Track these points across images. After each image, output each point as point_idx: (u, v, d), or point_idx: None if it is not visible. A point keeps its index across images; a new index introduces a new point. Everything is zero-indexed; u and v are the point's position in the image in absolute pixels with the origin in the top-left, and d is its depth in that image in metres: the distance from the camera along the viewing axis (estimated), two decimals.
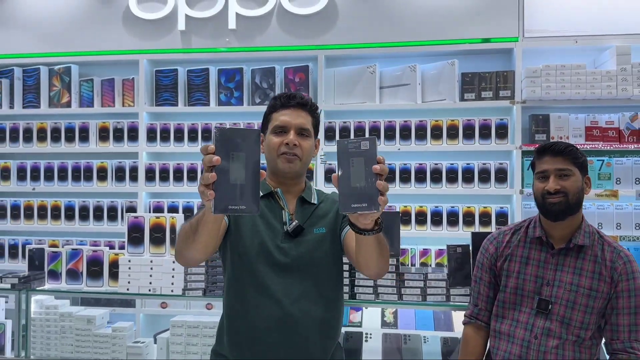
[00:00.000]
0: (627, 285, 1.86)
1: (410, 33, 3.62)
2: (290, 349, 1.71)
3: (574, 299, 1.86)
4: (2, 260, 3.94)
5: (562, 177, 1.88)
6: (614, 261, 1.88)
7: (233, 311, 1.76)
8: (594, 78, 3.35)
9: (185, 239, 1.54)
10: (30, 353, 2.83)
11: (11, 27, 4.06)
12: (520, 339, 1.90)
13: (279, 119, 1.77)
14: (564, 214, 1.88)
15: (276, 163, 1.77)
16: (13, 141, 4.01)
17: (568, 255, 1.91)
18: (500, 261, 2.01)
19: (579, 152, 1.91)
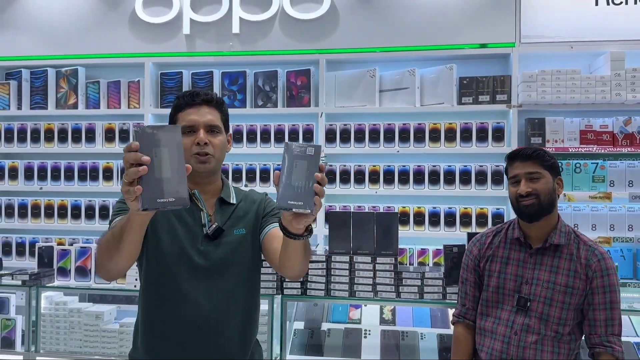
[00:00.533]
0: (601, 281, 1.95)
1: (410, 38, 3.71)
2: (211, 352, 1.69)
3: (550, 295, 1.96)
4: (10, 258, 4.02)
5: (532, 180, 1.97)
6: (588, 259, 1.97)
7: (151, 316, 1.71)
8: (588, 83, 3.44)
9: (108, 250, 1.47)
10: (40, 348, 2.92)
11: (19, 30, 4.15)
12: (501, 335, 1.99)
13: (186, 119, 1.71)
14: (538, 214, 1.98)
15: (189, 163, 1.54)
16: (21, 141, 4.10)
17: (545, 254, 2.01)
18: (483, 262, 2.11)
19: (547, 155, 2.01)
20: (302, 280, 2.71)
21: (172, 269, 1.68)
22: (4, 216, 4.08)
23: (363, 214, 2.80)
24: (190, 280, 1.69)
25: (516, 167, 2.02)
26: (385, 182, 3.67)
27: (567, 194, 3.42)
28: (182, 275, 1.69)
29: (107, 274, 1.57)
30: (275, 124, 3.80)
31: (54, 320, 2.91)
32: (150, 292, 1.72)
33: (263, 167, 3.80)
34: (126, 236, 1.40)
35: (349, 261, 2.69)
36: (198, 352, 1.69)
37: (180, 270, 1.69)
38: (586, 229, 3.46)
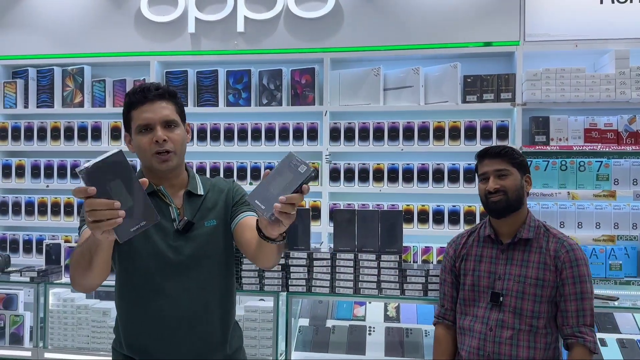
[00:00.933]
0: (571, 272, 1.98)
1: (414, 36, 3.72)
2: (193, 344, 1.71)
3: (522, 289, 1.99)
4: (17, 255, 4.05)
5: (500, 177, 2.03)
6: (557, 250, 2.01)
7: (130, 314, 1.73)
8: (593, 81, 3.44)
9: (79, 268, 1.47)
10: (48, 343, 2.95)
11: (26, 29, 4.18)
12: (477, 332, 2.03)
13: (140, 117, 1.65)
14: (505, 210, 2.03)
15: (151, 163, 1.68)
16: (27, 139, 4.13)
17: (516, 249, 2.05)
18: (458, 262, 2.16)
19: (515, 153, 2.07)
20: (307, 277, 2.74)
21: (148, 268, 1.69)
22: (11, 214, 4.12)
23: (368, 212, 2.82)
24: (165, 277, 1.69)
25: (485, 165, 2.08)
26: (389, 180, 3.69)
27: (571, 192, 3.43)
28: (158, 272, 1.69)
29: (82, 288, 1.59)
30: (279, 122, 3.82)
31: (61, 317, 2.94)
32: (127, 291, 1.73)
33: (268, 165, 3.82)
34: (96, 258, 1.41)
35: (353, 259, 2.71)
36: (180, 347, 1.71)
37: (156, 268, 1.69)
38: (590, 228, 3.47)
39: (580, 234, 3.45)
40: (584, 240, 3.42)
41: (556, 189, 3.49)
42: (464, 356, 2.07)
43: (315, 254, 2.75)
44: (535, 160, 3.53)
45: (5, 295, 3.04)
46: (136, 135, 1.68)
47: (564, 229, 3.49)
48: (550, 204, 3.52)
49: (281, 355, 2.76)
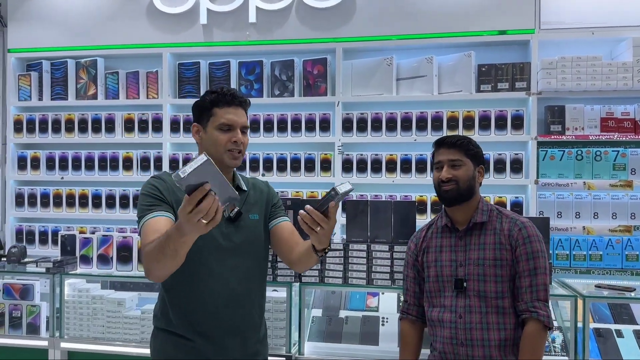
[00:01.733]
0: (524, 249, 2.02)
1: (427, 25, 3.68)
2: (236, 322, 1.90)
3: (482, 272, 2.03)
4: (33, 246, 4.10)
5: (454, 167, 2.08)
6: (510, 229, 2.06)
7: (182, 293, 1.87)
8: (610, 69, 3.38)
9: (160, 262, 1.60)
10: (64, 333, 2.98)
11: (39, 22, 4.20)
12: (448, 321, 2.05)
13: (225, 117, 1.87)
14: (456, 200, 2.08)
15: (222, 158, 1.88)
16: (42, 132, 4.16)
17: (472, 234, 2.10)
18: (420, 255, 2.20)
19: (471, 144, 2.11)
20: (319, 268, 2.74)
21: (202, 251, 1.82)
22: (26, 205, 4.16)
23: (380, 203, 2.80)
24: (217, 260, 1.87)
25: (441, 154, 2.13)
26: (402, 171, 3.67)
27: (586, 182, 3.39)
28: (211, 256, 1.86)
29: (158, 278, 1.71)
30: (292, 113, 3.81)
31: (77, 307, 2.97)
32: (181, 272, 1.80)
33: (280, 157, 3.81)
34: (182, 251, 1.56)
35: (366, 249, 2.70)
36: (225, 323, 1.88)
37: (209, 252, 1.85)
38: (606, 218, 3.43)
39: (596, 225, 3.41)
40: (599, 231, 3.39)
41: (572, 179, 3.45)
42: (438, 347, 2.09)
43: None
44: (551, 150, 3.48)
45: (21, 286, 3.08)
46: (214, 131, 1.89)
47: (579, 220, 3.45)
48: (566, 194, 3.48)
49: (294, 345, 2.77)
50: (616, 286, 2.70)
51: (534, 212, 3.45)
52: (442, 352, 2.06)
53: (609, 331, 2.77)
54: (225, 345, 1.88)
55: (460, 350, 2.01)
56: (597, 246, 3.38)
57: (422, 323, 2.22)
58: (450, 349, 2.03)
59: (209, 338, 1.87)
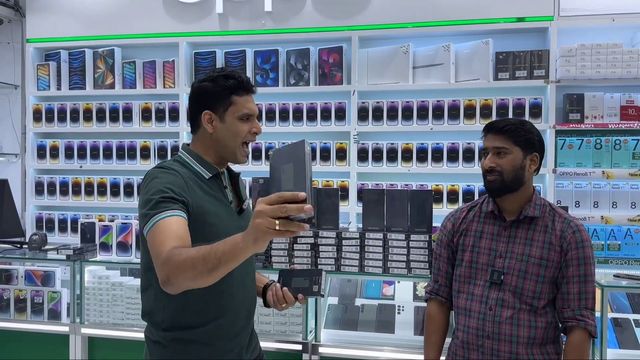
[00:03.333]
0: (576, 253, 1.90)
1: (444, 12, 3.64)
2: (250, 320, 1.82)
3: (525, 268, 1.91)
4: (53, 234, 4.17)
5: (499, 155, 1.93)
6: (563, 230, 1.92)
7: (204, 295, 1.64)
8: (630, 57, 3.33)
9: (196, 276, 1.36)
10: (84, 319, 3.04)
11: (57, 12, 4.23)
12: (476, 312, 1.95)
13: (247, 107, 1.72)
14: (500, 191, 1.94)
15: (236, 150, 1.73)
16: (61, 121, 4.21)
17: (519, 227, 1.96)
18: (457, 237, 2.07)
19: (521, 130, 1.93)
20: (335, 256, 2.75)
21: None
22: (46, 194, 4.23)
23: (397, 192, 2.80)
24: None
25: (488, 140, 1.98)
26: (418, 160, 3.66)
27: (605, 172, 3.35)
28: None
29: (179, 290, 1.45)
30: (307, 102, 3.81)
31: (97, 293, 3.03)
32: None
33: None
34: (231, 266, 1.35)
35: (382, 238, 2.71)
36: (243, 321, 1.76)
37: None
38: (625, 207, 3.39)
39: (615, 214, 3.38)
40: (618, 221, 3.35)
41: (590, 168, 3.42)
42: (460, 336, 2.01)
43: (344, 233, 2.76)
44: (569, 139, 3.45)
45: (43, 273, 3.14)
46: (235, 121, 1.72)
47: (597, 209, 3.42)
48: (584, 184, 3.45)
49: (310, 332, 2.79)
50: (635, 276, 2.68)
51: (551, 202, 3.41)
52: (465, 342, 1.98)
53: (627, 321, 2.75)
54: (242, 344, 1.77)
55: (485, 342, 1.93)
56: (615, 236, 3.35)
57: (450, 306, 2.11)
58: (475, 340, 1.95)
59: (229, 339, 1.73)
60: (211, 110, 1.72)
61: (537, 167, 1.99)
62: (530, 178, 1.99)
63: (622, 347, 2.64)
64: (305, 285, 1.75)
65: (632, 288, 2.68)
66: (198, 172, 1.71)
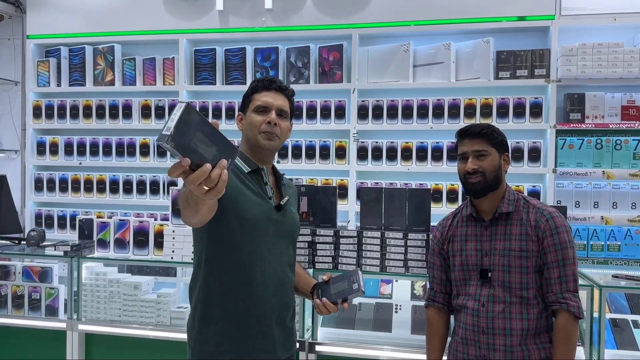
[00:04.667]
0: (552, 240, 1.98)
1: (445, 11, 3.63)
2: (282, 312, 1.87)
3: (508, 262, 2.00)
4: (52, 230, 4.17)
5: (479, 158, 2.03)
6: (537, 220, 2.01)
7: (234, 278, 1.79)
8: (632, 56, 3.31)
9: (187, 208, 1.54)
10: (81, 316, 3.03)
11: (58, 9, 4.23)
12: (471, 309, 2.04)
13: (261, 100, 1.87)
14: (484, 191, 2.03)
15: (257, 139, 1.86)
16: (60, 118, 4.21)
17: (498, 224, 2.06)
18: (446, 244, 2.17)
19: (495, 133, 2.05)
20: (333, 255, 2.74)
21: (255, 234, 1.81)
22: (45, 190, 4.23)
23: (395, 190, 2.79)
24: (267, 245, 1.84)
25: (465, 145, 2.07)
26: (418, 159, 3.65)
27: (606, 172, 3.34)
28: (262, 240, 1.82)
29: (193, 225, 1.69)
30: (307, 100, 3.80)
31: (94, 290, 3.02)
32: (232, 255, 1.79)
33: (295, 144, 3.81)
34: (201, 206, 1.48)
35: (380, 237, 2.70)
36: (276, 312, 1.84)
37: (261, 235, 1.82)
38: (625, 208, 3.38)
39: (615, 215, 3.36)
40: (618, 221, 3.34)
41: (591, 168, 3.40)
42: (460, 333, 2.09)
43: (342, 232, 2.75)
44: (570, 139, 3.43)
45: (40, 269, 3.13)
46: (251, 114, 1.88)
47: (597, 209, 3.40)
48: (584, 184, 3.43)
49: (307, 330, 2.78)
50: (634, 276, 2.66)
51: (551, 201, 3.41)
52: (464, 337, 2.07)
53: (625, 322, 2.74)
54: (272, 335, 1.84)
55: (481, 337, 2.02)
56: (615, 236, 3.33)
57: (448, 311, 2.21)
58: (472, 335, 2.04)
59: (259, 327, 1.81)
60: (241, 111, 1.95)
61: (508, 167, 2.12)
62: (504, 178, 2.10)
63: (620, 348, 2.62)
64: (345, 287, 1.90)
65: (631, 288, 2.66)
66: (239, 166, 1.84)
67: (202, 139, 1.23)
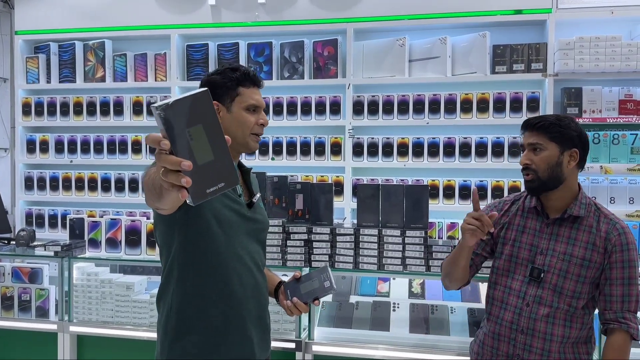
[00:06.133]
0: (620, 256, 1.87)
1: (441, 4, 3.58)
2: (260, 314, 1.81)
3: (566, 268, 1.89)
4: (43, 230, 4.10)
5: (534, 152, 1.91)
6: (608, 232, 1.89)
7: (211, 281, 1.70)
8: (629, 50, 3.28)
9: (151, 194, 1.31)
10: (73, 317, 2.97)
11: (47, 4, 4.15)
12: (512, 305, 1.94)
13: (253, 98, 1.79)
14: (538, 190, 1.92)
15: (247, 141, 1.79)
16: (50, 115, 4.14)
17: (563, 225, 1.94)
18: (498, 228, 2.05)
19: (558, 125, 1.89)
20: (330, 253, 2.69)
21: (230, 233, 1.73)
22: (36, 189, 4.16)
23: (392, 187, 2.75)
24: (243, 245, 1.77)
25: (525, 137, 1.96)
26: (414, 154, 3.60)
27: (604, 166, 3.31)
28: (237, 239, 1.75)
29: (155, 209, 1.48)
30: (301, 96, 3.75)
31: (85, 291, 2.96)
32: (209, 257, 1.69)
33: (290, 140, 3.76)
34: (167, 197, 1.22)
35: (377, 234, 2.66)
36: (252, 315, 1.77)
37: (237, 235, 1.74)
38: (623, 203, 3.35)
39: (613, 210, 3.27)
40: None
41: (588, 162, 3.33)
42: (492, 327, 2.00)
43: (338, 229, 2.70)
44: None
45: (30, 269, 3.07)
46: (242, 111, 1.78)
47: None
48: (582, 179, 3.40)
49: (304, 330, 2.74)
50: None
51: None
52: (497, 333, 1.97)
53: None
54: (251, 339, 1.76)
55: (518, 336, 1.93)
56: None
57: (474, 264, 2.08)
58: (508, 332, 1.95)
59: (237, 332, 1.74)
60: (218, 101, 1.77)
61: (577, 163, 1.93)
62: (572, 175, 1.94)
63: None
64: (316, 286, 1.84)
65: None
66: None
67: (202, 138, 1.04)
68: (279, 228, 2.72)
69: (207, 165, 1.04)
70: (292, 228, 2.73)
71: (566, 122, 1.92)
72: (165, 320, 1.73)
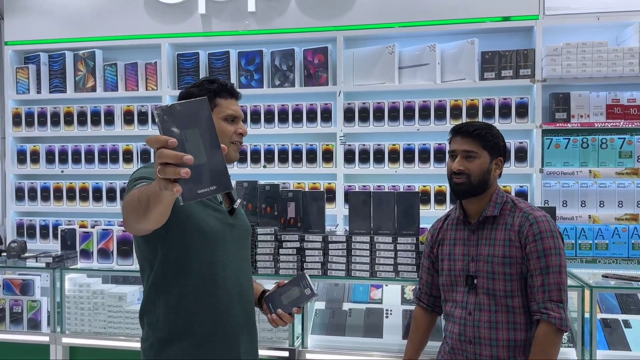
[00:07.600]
0: (534, 246, 1.88)
1: (430, 12, 3.61)
2: (247, 320, 1.82)
3: (491, 269, 1.92)
4: (34, 241, 4.08)
5: (467, 159, 1.95)
6: (521, 225, 1.92)
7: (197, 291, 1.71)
8: (616, 55, 3.32)
9: (135, 212, 1.36)
10: (65, 328, 2.96)
11: (36, 14, 4.14)
12: (458, 317, 1.98)
13: (231, 108, 1.84)
14: (467, 193, 1.96)
15: (228, 150, 1.75)
16: (41, 125, 4.12)
17: (483, 228, 1.98)
18: (436, 247, 2.11)
19: (490, 134, 1.95)
20: (322, 260, 2.70)
21: (215, 242, 1.75)
22: (27, 199, 4.14)
23: (384, 194, 2.76)
24: (227, 252, 1.78)
25: (456, 142, 1.99)
26: (405, 161, 3.62)
27: (592, 171, 3.35)
28: (222, 248, 1.76)
29: (134, 231, 1.54)
30: (292, 103, 3.76)
31: (78, 302, 2.95)
32: (193, 267, 1.70)
33: (281, 148, 3.77)
34: (154, 207, 1.28)
35: (369, 241, 2.67)
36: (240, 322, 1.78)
37: (220, 243, 1.76)
38: (612, 206, 3.38)
39: (602, 213, 3.37)
40: (605, 219, 3.34)
41: (577, 167, 3.40)
42: (448, 342, 2.04)
43: (330, 237, 2.71)
44: (556, 138, 3.43)
45: (22, 281, 3.06)
46: (220, 121, 1.82)
47: (585, 208, 3.41)
48: (571, 183, 3.44)
49: (297, 338, 2.74)
50: (623, 276, 2.66)
51: (539, 201, 3.41)
52: (451, 347, 2.01)
53: (616, 321, 2.74)
54: (238, 346, 1.77)
55: (468, 347, 1.94)
56: (603, 235, 3.34)
57: (433, 312, 2.18)
58: (459, 345, 1.97)
59: (225, 340, 1.75)
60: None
61: (501, 172, 2.01)
62: (495, 182, 2.01)
63: (611, 348, 2.62)
64: (297, 294, 1.85)
65: (621, 288, 2.66)
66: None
67: (197, 140, 1.12)
68: (272, 236, 2.73)
69: (200, 166, 1.12)
70: (285, 236, 2.74)
71: (495, 131, 1.99)
72: (152, 332, 1.72)
